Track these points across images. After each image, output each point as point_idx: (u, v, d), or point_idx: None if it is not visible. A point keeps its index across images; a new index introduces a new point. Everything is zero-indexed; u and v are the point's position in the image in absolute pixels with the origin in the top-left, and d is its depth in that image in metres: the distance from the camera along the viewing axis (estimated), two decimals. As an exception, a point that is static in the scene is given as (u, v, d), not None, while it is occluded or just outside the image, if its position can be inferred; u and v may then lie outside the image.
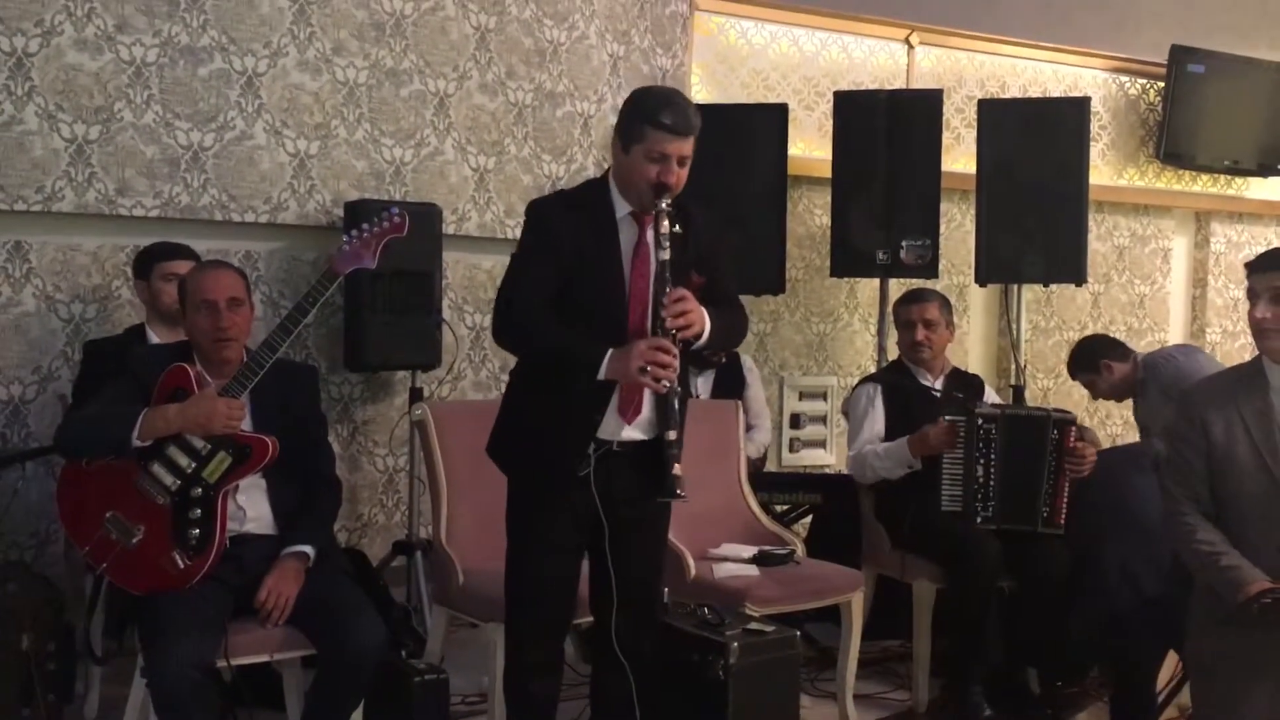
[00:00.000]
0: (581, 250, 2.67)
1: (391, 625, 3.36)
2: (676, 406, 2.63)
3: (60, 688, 3.34)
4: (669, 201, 2.62)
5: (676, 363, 2.56)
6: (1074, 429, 3.77)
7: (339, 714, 2.83)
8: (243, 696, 2.91)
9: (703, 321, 2.63)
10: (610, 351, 2.59)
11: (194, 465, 2.83)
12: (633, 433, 2.72)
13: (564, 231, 2.68)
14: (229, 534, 2.86)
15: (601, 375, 2.60)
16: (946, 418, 3.77)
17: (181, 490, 2.82)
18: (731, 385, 4.65)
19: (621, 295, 2.68)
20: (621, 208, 2.72)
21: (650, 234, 2.67)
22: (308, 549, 2.92)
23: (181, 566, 2.77)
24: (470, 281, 4.75)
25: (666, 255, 2.61)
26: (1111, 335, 4.95)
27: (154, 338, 3.56)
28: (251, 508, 2.95)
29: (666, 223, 2.61)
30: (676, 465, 2.59)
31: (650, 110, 2.63)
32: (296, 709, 2.99)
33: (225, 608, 2.80)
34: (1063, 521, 3.76)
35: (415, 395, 4.35)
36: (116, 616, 3.03)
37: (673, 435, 2.61)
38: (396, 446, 4.57)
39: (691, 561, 3.59)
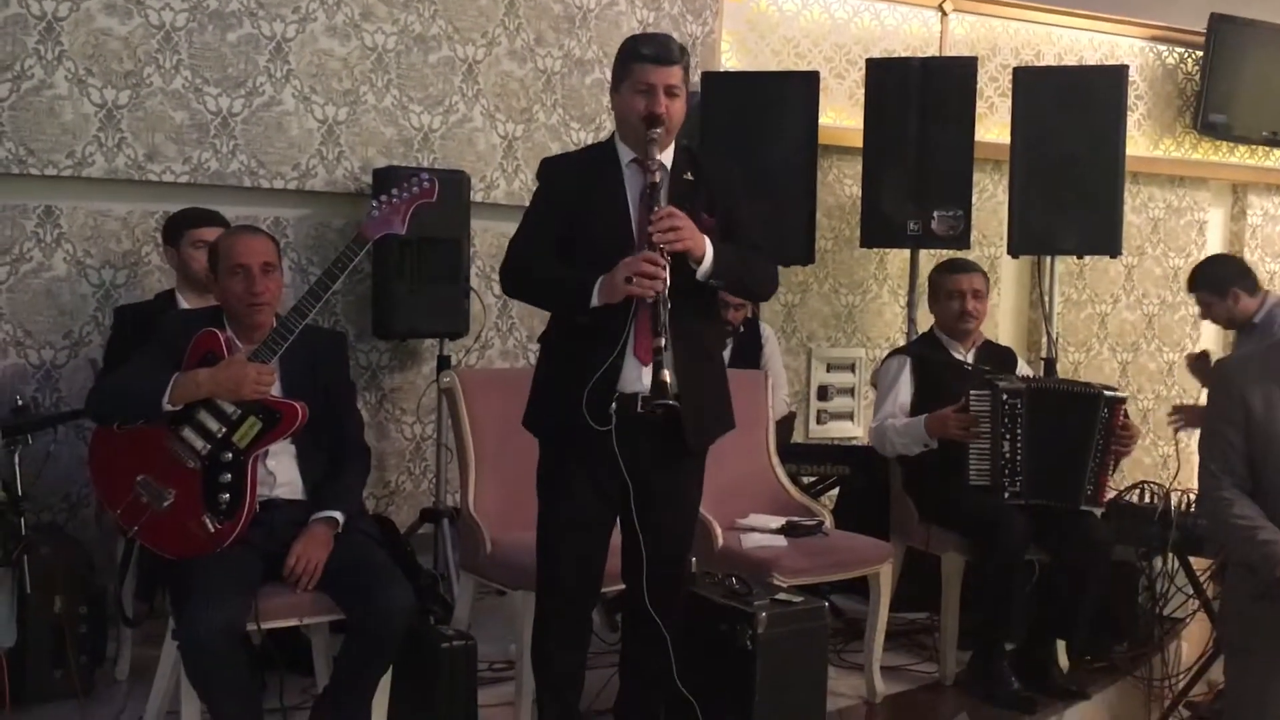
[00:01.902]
0: (587, 199, 2.75)
1: (419, 592, 3.37)
2: (665, 318, 2.58)
3: (92, 649, 3.38)
4: (659, 131, 2.66)
5: (664, 273, 2.56)
6: (1123, 407, 3.72)
7: (367, 679, 2.83)
8: (272, 660, 2.93)
9: (697, 241, 2.64)
10: (600, 278, 2.63)
11: (224, 430, 2.84)
12: (648, 382, 2.68)
13: (568, 184, 2.77)
14: (259, 499, 2.86)
15: (594, 301, 2.65)
16: (971, 393, 3.73)
17: (212, 454, 2.83)
18: (750, 351, 4.62)
19: (629, 238, 2.70)
20: (625, 155, 2.78)
21: (659, 178, 2.70)
22: (337, 514, 2.91)
23: (212, 530, 2.78)
24: (498, 250, 4.70)
25: (656, 179, 2.66)
26: (1245, 262, 4.86)
27: (184, 303, 3.57)
28: (281, 473, 2.95)
29: (657, 152, 2.66)
30: (666, 371, 2.56)
31: (631, 47, 2.75)
32: (325, 673, 3.01)
33: (255, 572, 2.80)
34: (1105, 500, 3.73)
35: (443, 363, 4.35)
36: (147, 579, 3.06)
37: (661, 342, 2.58)
38: (424, 414, 4.58)
39: (719, 531, 3.58)
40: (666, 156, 2.77)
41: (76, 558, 3.41)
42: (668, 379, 2.55)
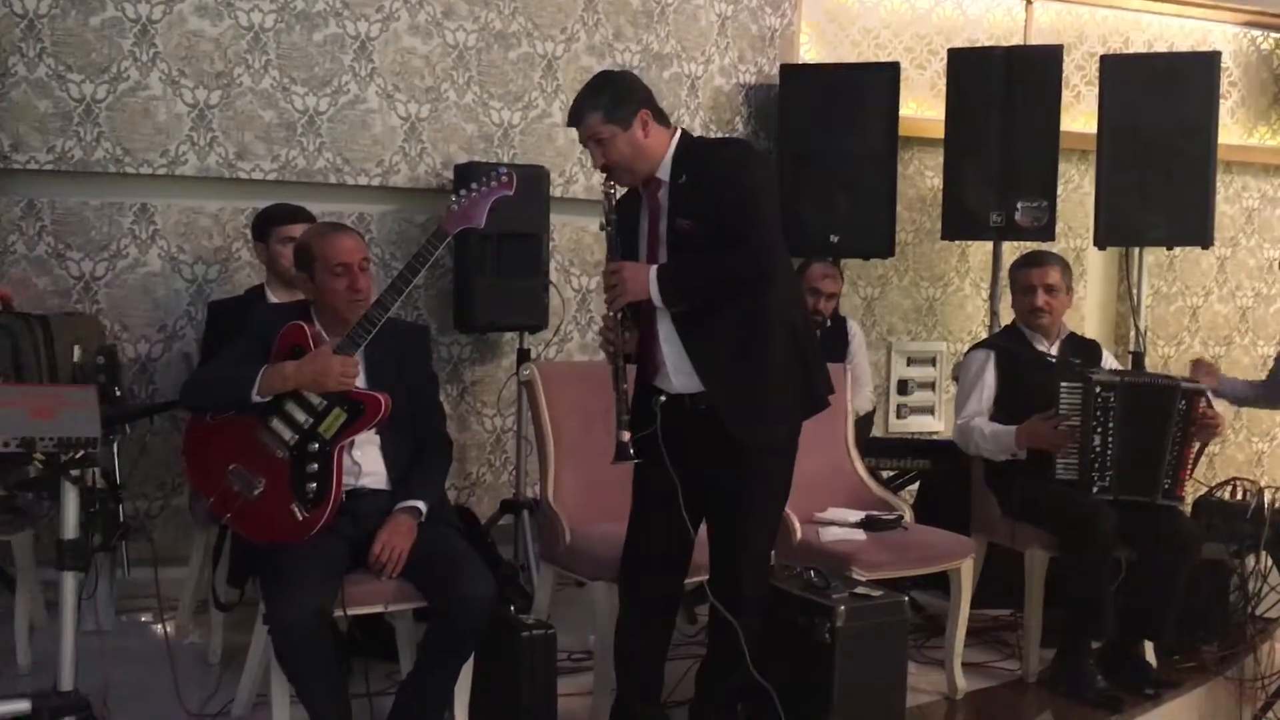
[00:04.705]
0: (627, 223, 2.89)
1: (499, 582, 3.41)
2: (623, 381, 2.78)
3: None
4: (613, 180, 2.81)
5: (613, 335, 2.79)
6: (1203, 398, 3.64)
7: (450, 666, 2.88)
8: (358, 646, 2.99)
9: (633, 287, 2.74)
10: None
11: (311, 420, 2.90)
12: (677, 383, 2.83)
13: (621, 212, 2.90)
14: (345, 488, 2.92)
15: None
16: (1063, 385, 3.67)
17: (299, 444, 2.90)
18: (836, 348, 4.60)
19: (635, 255, 2.87)
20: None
21: (659, 196, 2.84)
22: (420, 504, 2.97)
23: (300, 519, 2.85)
24: (577, 244, 4.77)
25: (604, 222, 2.81)
26: None
27: (273, 297, 3.65)
28: (366, 463, 3.01)
29: (607, 201, 2.81)
30: (625, 433, 2.75)
31: None
32: (409, 659, 3.06)
33: (341, 560, 2.86)
34: (1183, 494, 3.65)
35: (522, 356, 4.40)
36: (239, 566, 3.13)
37: (620, 399, 2.76)
38: (504, 407, 4.63)
39: (798, 525, 3.57)
40: (666, 167, 2.84)
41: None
42: (625, 439, 2.74)
